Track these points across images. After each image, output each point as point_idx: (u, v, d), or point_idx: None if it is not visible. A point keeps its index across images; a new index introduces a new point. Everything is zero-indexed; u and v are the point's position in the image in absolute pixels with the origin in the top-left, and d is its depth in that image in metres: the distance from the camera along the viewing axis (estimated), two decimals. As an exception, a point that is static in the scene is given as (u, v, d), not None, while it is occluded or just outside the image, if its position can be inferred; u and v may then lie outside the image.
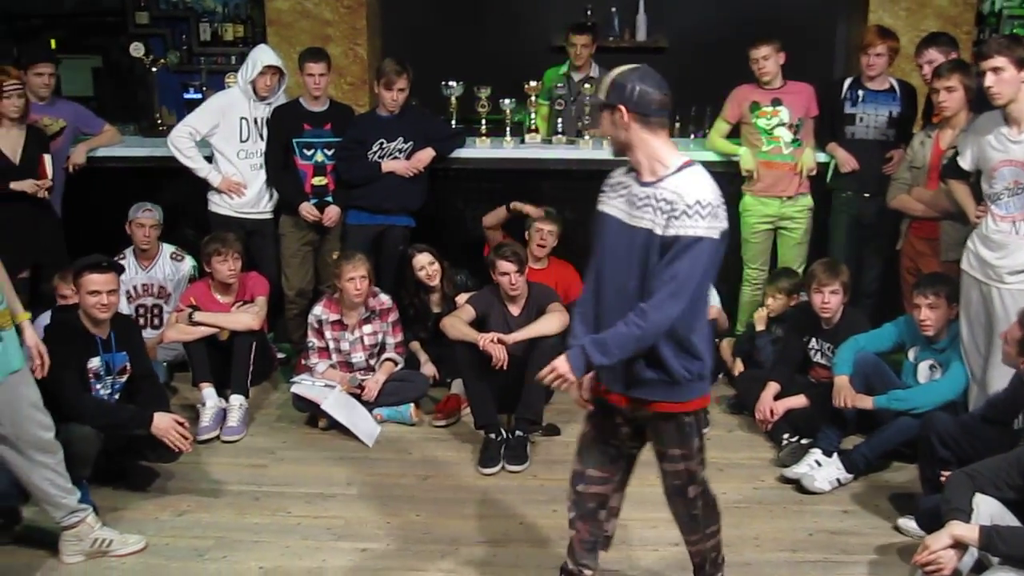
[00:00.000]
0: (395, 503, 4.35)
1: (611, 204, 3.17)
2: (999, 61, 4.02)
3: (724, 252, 3.03)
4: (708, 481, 3.33)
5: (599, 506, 3.38)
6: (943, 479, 3.71)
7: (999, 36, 4.52)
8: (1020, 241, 4.14)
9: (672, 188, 2.98)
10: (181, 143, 5.57)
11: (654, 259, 2.99)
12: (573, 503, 3.41)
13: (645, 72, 3.05)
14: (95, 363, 4.34)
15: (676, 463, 3.23)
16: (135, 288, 5.71)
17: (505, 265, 4.97)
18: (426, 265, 5.48)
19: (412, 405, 5.18)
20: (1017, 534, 3.30)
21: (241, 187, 5.62)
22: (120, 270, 4.55)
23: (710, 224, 2.93)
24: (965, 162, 4.39)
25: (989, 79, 4.07)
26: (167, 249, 5.78)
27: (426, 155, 5.64)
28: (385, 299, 5.30)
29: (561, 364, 3.05)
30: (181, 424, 4.20)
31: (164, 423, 4.16)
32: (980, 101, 4.37)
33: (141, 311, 5.74)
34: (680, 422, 3.18)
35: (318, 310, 5.25)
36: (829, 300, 4.87)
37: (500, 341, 4.82)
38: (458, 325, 4.97)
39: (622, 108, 3.02)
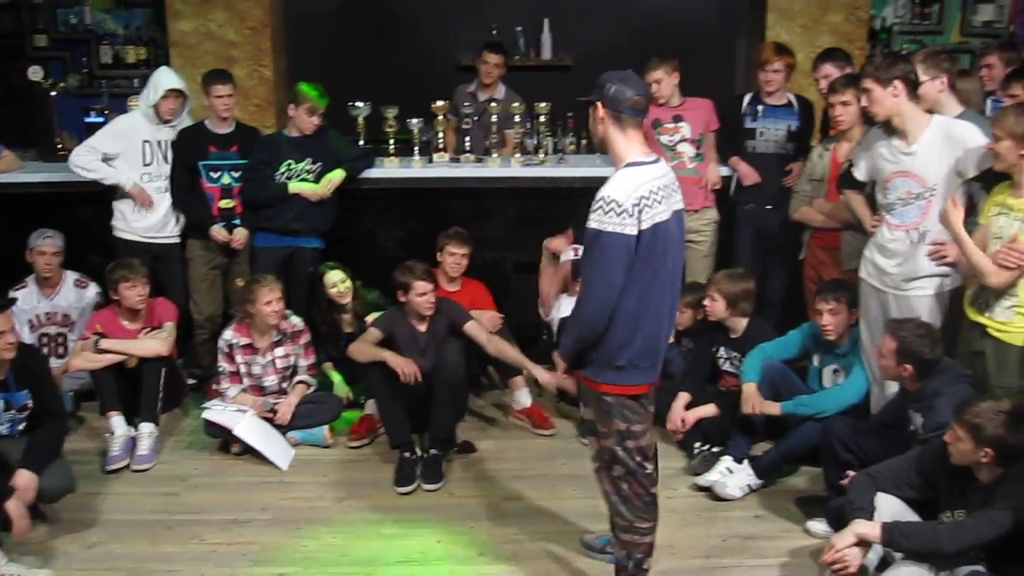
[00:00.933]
0: (311, 526, 4.32)
1: None
2: (866, 82, 4.23)
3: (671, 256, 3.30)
4: (648, 480, 3.52)
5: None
6: (846, 481, 3.83)
7: (872, 58, 4.73)
8: (914, 249, 4.27)
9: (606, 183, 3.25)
10: (82, 159, 5.43)
11: None
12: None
13: (627, 75, 3.35)
14: None
15: (600, 439, 3.51)
16: (38, 317, 5.57)
17: (423, 285, 4.98)
18: (337, 282, 5.45)
19: (326, 427, 5.15)
20: (917, 530, 3.43)
21: (149, 199, 5.52)
22: (11, 303, 4.47)
23: (612, 220, 3.17)
24: (859, 173, 4.54)
25: (863, 100, 4.29)
26: (70, 276, 5.64)
27: (336, 177, 5.62)
28: (296, 321, 5.27)
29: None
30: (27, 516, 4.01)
31: (13, 511, 3.93)
32: (874, 115, 4.53)
33: (45, 340, 5.59)
34: (600, 399, 3.44)
35: (228, 334, 5.19)
36: (708, 304, 5.01)
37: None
38: (365, 348, 4.98)
39: (599, 104, 3.31)
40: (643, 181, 3.23)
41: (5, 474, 4.07)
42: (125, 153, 5.50)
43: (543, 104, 6.03)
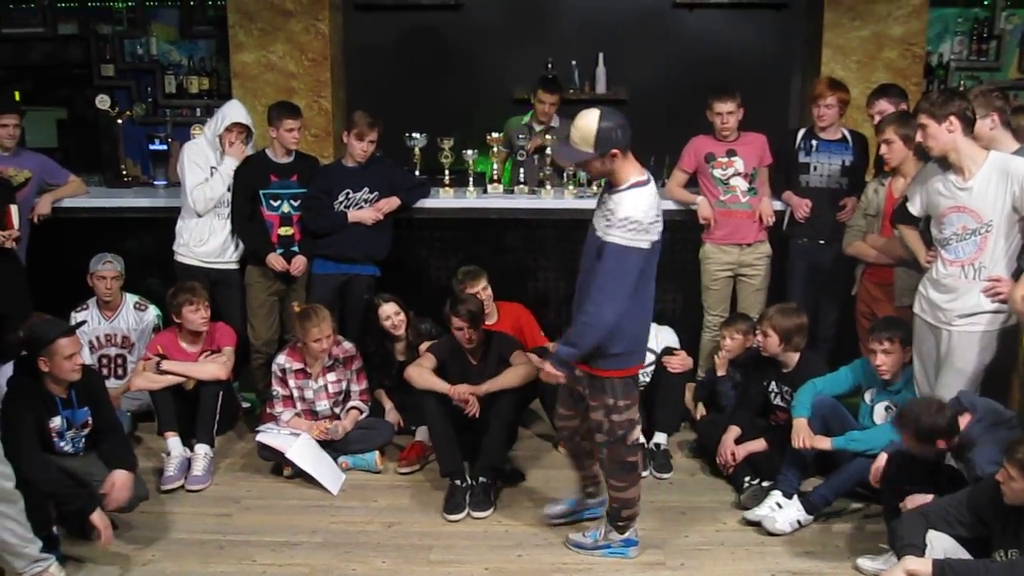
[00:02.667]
0: (361, 551, 4.36)
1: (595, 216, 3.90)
2: (921, 118, 4.22)
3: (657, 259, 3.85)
4: (626, 449, 4.04)
5: (572, 434, 4.36)
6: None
7: (929, 94, 4.73)
8: (969, 285, 4.25)
9: (616, 200, 3.73)
10: (202, 194, 5.58)
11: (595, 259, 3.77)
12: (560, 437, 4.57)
13: (609, 113, 3.74)
14: (56, 422, 4.37)
15: (590, 412, 4.07)
16: (98, 339, 5.71)
17: (457, 321, 5.01)
18: (392, 315, 5.51)
19: (377, 452, 5.19)
20: (969, 568, 3.39)
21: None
22: (78, 326, 4.75)
23: (634, 238, 3.69)
24: (914, 208, 4.52)
25: (919, 136, 4.28)
26: (130, 299, 5.78)
27: (392, 203, 5.71)
28: (348, 347, 5.34)
29: (548, 368, 3.99)
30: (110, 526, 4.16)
31: (99, 523, 4.08)
32: (929, 150, 4.52)
33: (104, 361, 5.73)
34: (594, 380, 3.97)
35: (281, 359, 5.27)
36: (762, 339, 5.00)
37: (472, 393, 4.90)
38: (424, 374, 5.00)
39: (616, 151, 3.70)
40: (654, 201, 3.77)
41: (83, 488, 4.21)
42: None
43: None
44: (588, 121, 3.70)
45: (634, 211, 3.67)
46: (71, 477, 4.25)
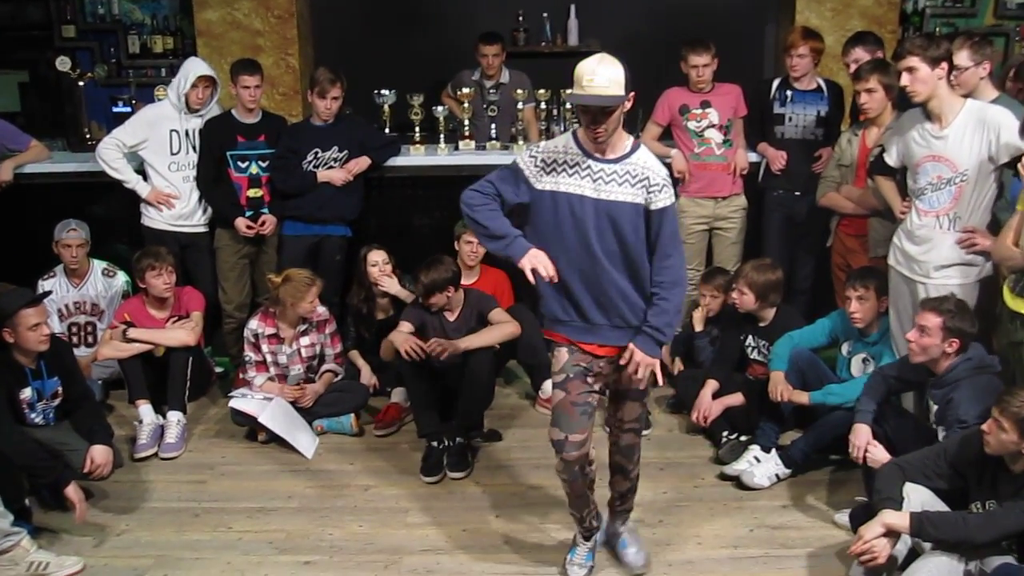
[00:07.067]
0: (337, 514, 4.34)
1: (567, 183, 3.47)
2: (912, 61, 4.12)
3: None
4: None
5: (584, 464, 3.62)
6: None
7: (914, 36, 4.62)
8: (944, 236, 4.22)
9: (636, 163, 3.43)
10: (108, 155, 5.49)
11: (640, 229, 3.43)
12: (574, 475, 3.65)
13: (611, 56, 3.46)
14: (26, 393, 4.31)
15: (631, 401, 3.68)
16: (67, 306, 5.61)
17: (423, 295, 4.97)
18: (380, 262, 5.46)
19: (352, 415, 5.15)
20: (946, 519, 3.39)
21: (171, 199, 5.55)
22: (45, 296, 4.63)
23: (671, 192, 3.45)
24: (891, 158, 4.47)
25: (904, 79, 4.17)
26: (98, 265, 5.68)
27: (362, 162, 5.63)
28: (322, 310, 5.27)
29: (643, 357, 3.45)
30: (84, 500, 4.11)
31: (73, 495, 4.03)
32: (904, 99, 4.45)
33: (74, 329, 5.65)
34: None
35: (253, 324, 5.21)
36: (737, 297, 4.98)
37: (453, 349, 4.83)
38: (399, 338, 4.94)
39: (634, 92, 3.42)
40: None
41: (57, 460, 4.16)
42: (152, 142, 5.52)
43: (542, 91, 5.98)
44: (612, 65, 3.42)
45: (663, 168, 3.48)
46: (44, 448, 4.19)
